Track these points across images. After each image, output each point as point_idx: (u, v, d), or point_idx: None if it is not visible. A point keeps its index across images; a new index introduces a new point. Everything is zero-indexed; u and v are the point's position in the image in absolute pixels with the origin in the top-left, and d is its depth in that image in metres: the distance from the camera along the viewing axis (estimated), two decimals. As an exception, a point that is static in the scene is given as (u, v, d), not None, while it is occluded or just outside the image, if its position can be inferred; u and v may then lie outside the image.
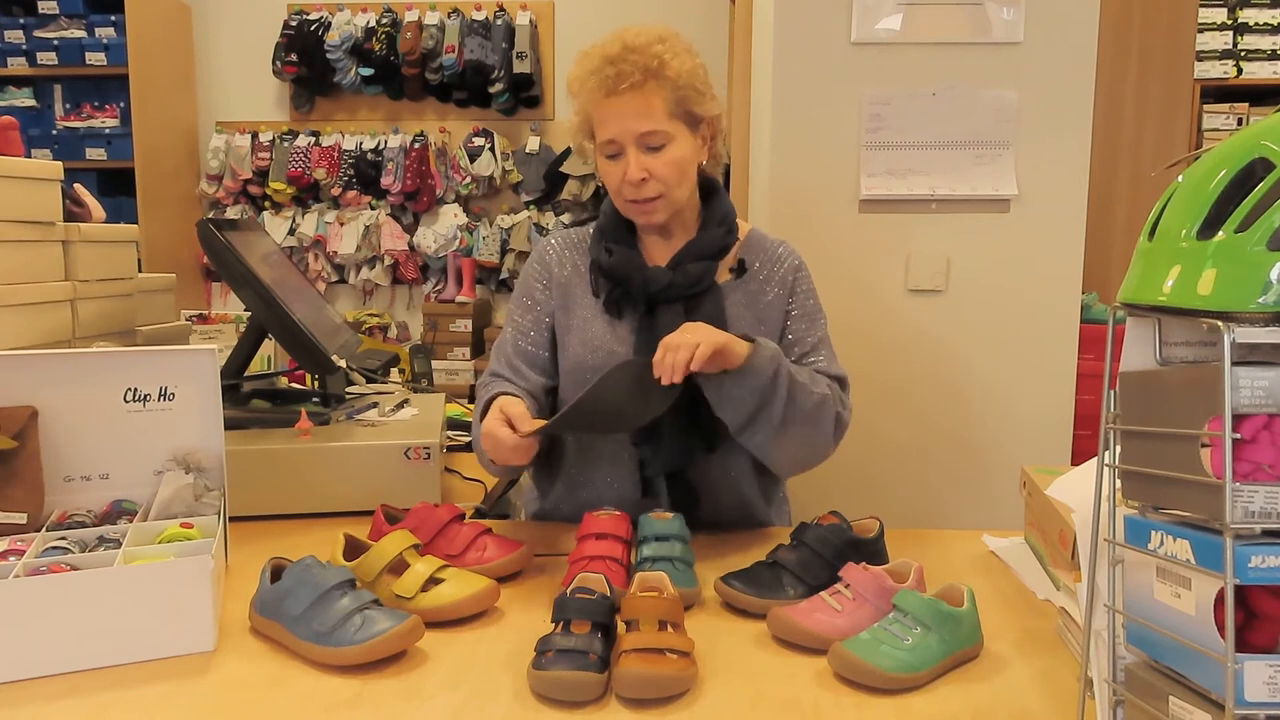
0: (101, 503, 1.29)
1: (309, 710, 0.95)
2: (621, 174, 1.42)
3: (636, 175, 1.40)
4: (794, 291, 1.53)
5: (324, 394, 1.87)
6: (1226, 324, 0.65)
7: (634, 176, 1.40)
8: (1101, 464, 0.80)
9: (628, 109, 1.39)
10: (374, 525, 1.33)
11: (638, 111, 1.39)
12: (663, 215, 1.46)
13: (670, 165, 1.42)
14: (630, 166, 1.40)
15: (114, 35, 4.13)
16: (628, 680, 0.95)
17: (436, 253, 4.42)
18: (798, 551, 1.23)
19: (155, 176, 4.27)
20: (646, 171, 1.41)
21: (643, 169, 1.41)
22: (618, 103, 1.39)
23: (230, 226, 1.75)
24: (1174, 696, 0.71)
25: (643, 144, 1.41)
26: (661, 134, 1.40)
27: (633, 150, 1.41)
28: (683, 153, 1.43)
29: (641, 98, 1.39)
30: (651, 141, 1.40)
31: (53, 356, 1.28)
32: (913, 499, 2.10)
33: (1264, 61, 3.66)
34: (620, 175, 1.42)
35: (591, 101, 1.42)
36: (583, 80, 1.42)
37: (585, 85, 1.42)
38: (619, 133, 1.40)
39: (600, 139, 1.43)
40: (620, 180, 1.43)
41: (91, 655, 1.03)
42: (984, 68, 1.98)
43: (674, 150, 1.42)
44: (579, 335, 1.50)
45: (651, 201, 1.44)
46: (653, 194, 1.43)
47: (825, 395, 1.41)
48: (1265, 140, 0.68)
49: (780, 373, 1.35)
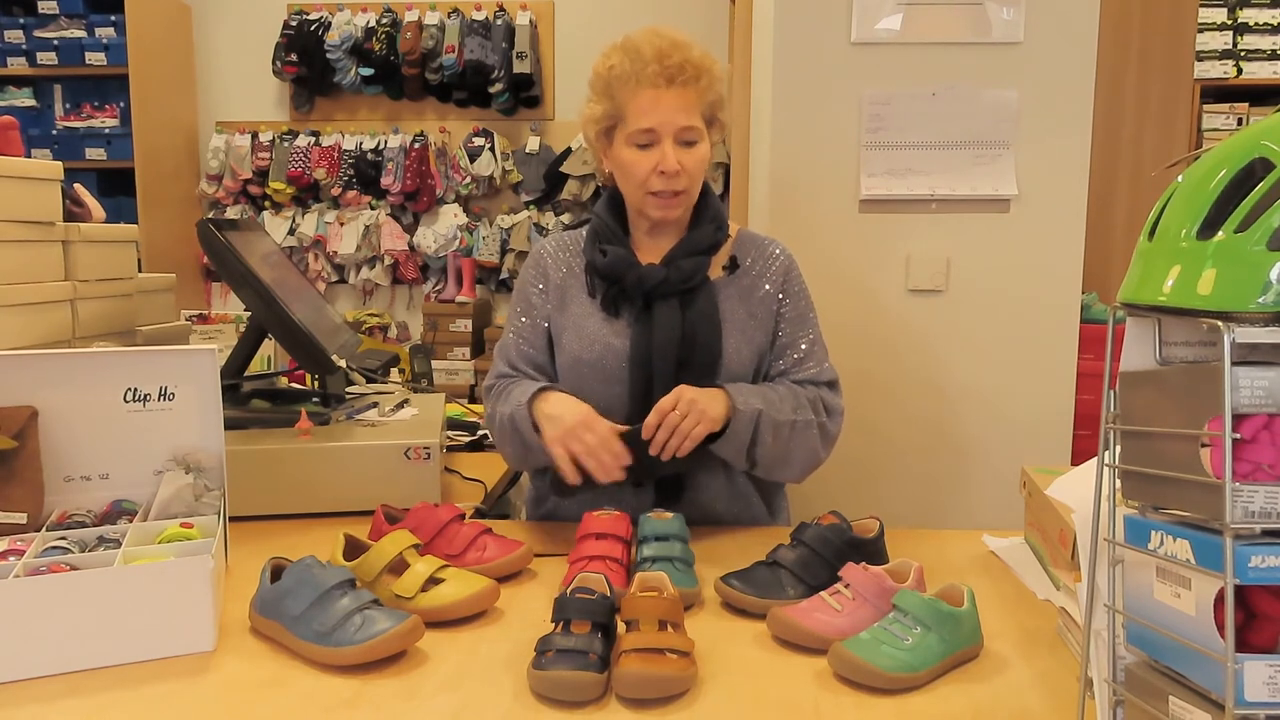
0: (101, 503, 1.29)
1: (309, 710, 0.95)
2: (652, 165, 1.44)
3: (674, 166, 1.44)
4: (786, 288, 1.54)
5: (324, 394, 1.87)
6: (1226, 324, 0.65)
7: (672, 167, 1.44)
8: (1101, 464, 0.80)
9: (676, 102, 1.43)
10: (374, 525, 1.33)
11: (684, 106, 1.43)
12: (681, 210, 1.50)
13: (699, 163, 1.47)
14: (668, 157, 1.43)
15: (114, 35, 4.13)
16: (628, 680, 0.95)
17: (436, 253, 4.42)
18: (797, 551, 1.23)
19: (155, 176, 4.27)
20: (680, 165, 1.44)
21: (678, 162, 1.44)
22: (667, 95, 1.42)
23: (230, 226, 1.75)
24: (1174, 696, 0.71)
25: (680, 138, 1.44)
26: (696, 131, 1.45)
27: (669, 142, 1.44)
28: (707, 152, 1.49)
29: (689, 94, 1.44)
30: (687, 137, 1.45)
31: (53, 356, 1.28)
32: (913, 499, 2.10)
33: (1264, 61, 3.66)
34: (651, 166, 1.45)
35: (633, 92, 1.44)
36: (625, 71, 1.44)
37: (630, 76, 1.43)
38: (660, 123, 1.43)
39: (634, 128, 1.45)
40: (649, 171, 1.45)
41: (91, 655, 1.03)
42: (984, 68, 1.98)
43: (702, 149, 1.47)
44: (575, 332, 1.51)
45: (678, 195, 1.47)
46: (681, 187, 1.46)
47: (809, 421, 1.47)
48: (1265, 140, 0.68)
49: (761, 426, 1.42)
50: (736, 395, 1.41)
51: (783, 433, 1.43)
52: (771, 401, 1.44)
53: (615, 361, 1.48)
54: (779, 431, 1.43)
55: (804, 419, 1.46)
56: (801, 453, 1.47)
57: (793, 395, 1.47)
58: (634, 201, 1.51)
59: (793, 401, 1.46)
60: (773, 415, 1.42)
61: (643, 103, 1.43)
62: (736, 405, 1.40)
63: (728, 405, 1.40)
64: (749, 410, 1.41)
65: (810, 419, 1.47)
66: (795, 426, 1.45)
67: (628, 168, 1.47)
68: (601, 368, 1.48)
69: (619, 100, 1.46)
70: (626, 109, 1.45)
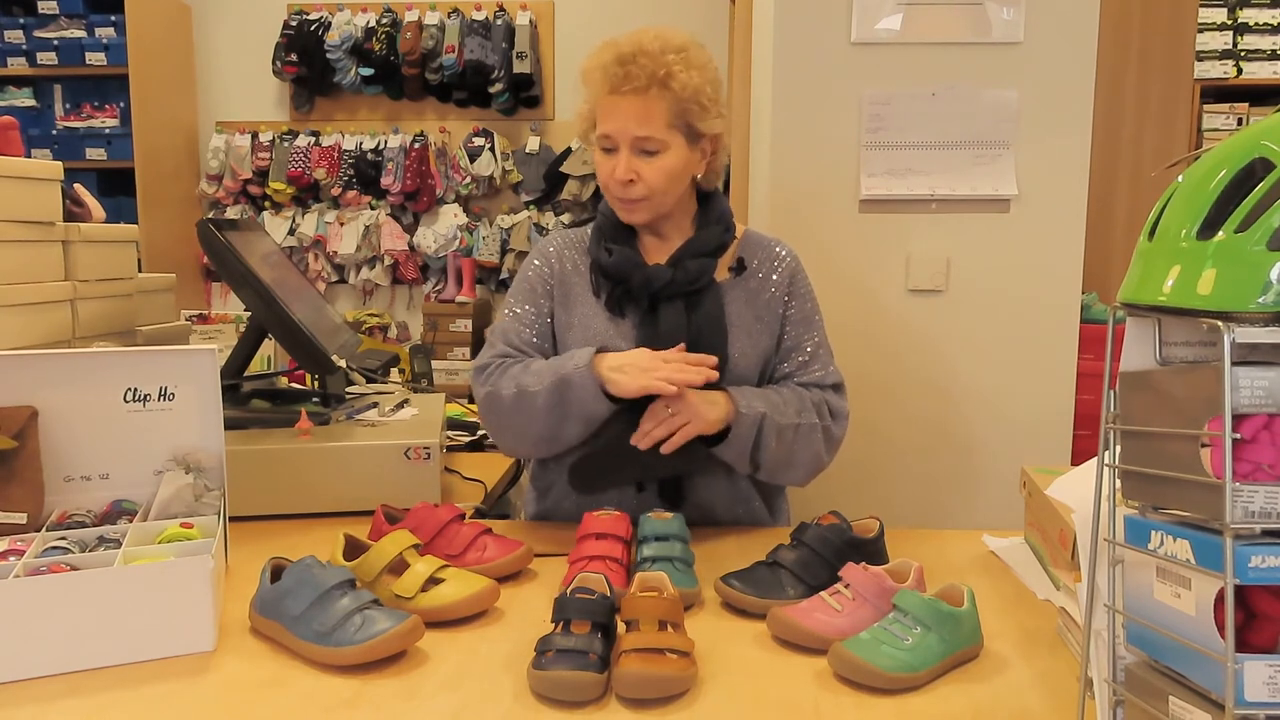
0: (101, 503, 1.29)
1: (309, 710, 0.95)
2: (611, 168, 1.45)
3: (624, 175, 1.43)
4: (792, 290, 1.54)
5: (324, 394, 1.87)
6: (1226, 324, 0.65)
7: (621, 176, 1.43)
8: (1101, 464, 0.80)
9: (629, 110, 1.40)
10: (374, 525, 1.33)
11: (637, 115, 1.40)
12: (644, 216, 1.49)
13: (659, 173, 1.43)
14: (620, 166, 1.43)
15: (114, 35, 4.13)
16: (628, 680, 0.95)
17: (436, 253, 4.42)
18: (798, 551, 1.23)
19: (155, 176, 4.27)
20: (635, 174, 1.43)
21: (631, 171, 1.43)
22: (620, 102, 1.40)
23: (230, 226, 1.75)
24: (1174, 696, 0.71)
25: (637, 147, 1.42)
26: (657, 141, 1.42)
27: (625, 151, 1.43)
28: (675, 163, 1.44)
29: (643, 103, 1.39)
30: (646, 146, 1.42)
31: (53, 356, 1.28)
32: (913, 499, 2.10)
33: (1264, 61, 3.66)
34: (609, 170, 1.45)
35: (597, 94, 1.44)
36: (592, 72, 1.44)
37: (593, 78, 1.44)
38: (616, 131, 1.42)
39: (599, 131, 1.45)
40: (608, 175, 1.46)
41: (91, 655, 1.03)
42: (984, 68, 1.98)
43: (667, 159, 1.43)
44: (580, 333, 1.51)
45: (635, 202, 1.46)
46: (637, 196, 1.45)
47: (814, 424, 1.46)
48: (1265, 140, 0.68)
49: (765, 429, 1.41)
50: (740, 398, 1.41)
51: (786, 436, 1.43)
52: (775, 405, 1.43)
53: None
54: (783, 435, 1.43)
55: (808, 422, 1.45)
56: (805, 456, 1.47)
57: (797, 398, 1.47)
58: (608, 200, 1.52)
59: (797, 404, 1.46)
60: (776, 419, 1.42)
61: (603, 107, 1.43)
62: (739, 408, 1.40)
63: (728, 410, 1.40)
64: (752, 414, 1.40)
65: (815, 422, 1.46)
66: (799, 430, 1.44)
67: (596, 167, 1.49)
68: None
69: (591, 100, 1.47)
70: (596, 110, 1.45)
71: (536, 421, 1.42)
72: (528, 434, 1.45)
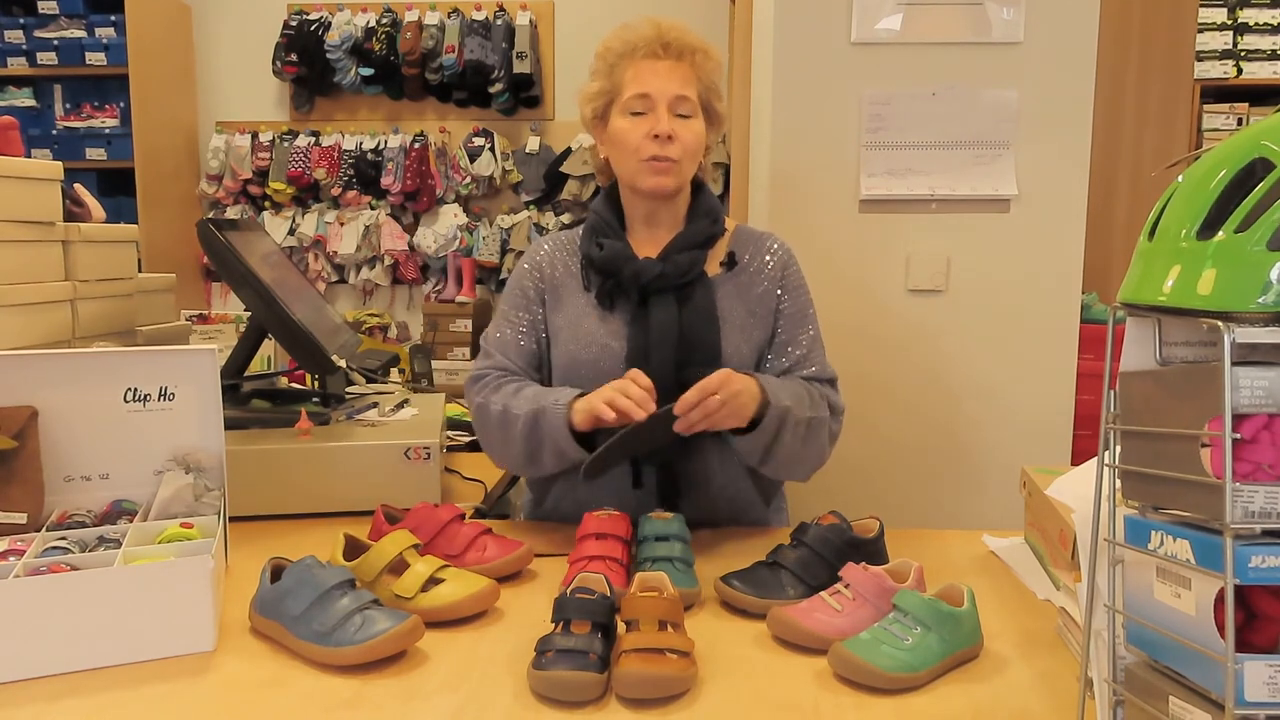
0: (101, 503, 1.29)
1: (308, 710, 0.95)
2: (647, 129, 1.46)
3: (666, 128, 1.45)
4: (785, 283, 1.54)
5: (324, 394, 1.87)
6: (1226, 324, 0.65)
7: (664, 129, 1.45)
8: (1101, 464, 0.80)
9: (672, 73, 1.47)
10: (374, 525, 1.33)
11: (680, 78, 1.47)
12: (674, 182, 1.49)
13: (695, 137, 1.49)
14: (661, 120, 1.45)
15: (114, 35, 4.13)
16: (628, 680, 0.95)
17: (436, 253, 4.42)
18: (798, 551, 1.23)
19: (155, 176, 4.27)
20: (673, 132, 1.45)
21: (671, 127, 1.45)
22: (658, 65, 1.47)
23: (230, 226, 1.75)
24: (1174, 696, 0.71)
25: (674, 108, 1.46)
26: (691, 104, 1.48)
27: (663, 108, 1.46)
28: (702, 131, 1.50)
29: (685, 68, 1.48)
30: (681, 109, 1.47)
31: (53, 356, 1.28)
32: (913, 499, 2.10)
33: (1264, 61, 3.66)
34: (644, 131, 1.46)
35: (630, 63, 1.48)
36: (625, 45, 1.48)
37: (629, 49, 1.48)
38: (656, 90, 1.46)
39: (629, 95, 1.47)
40: (643, 136, 1.46)
41: (91, 655, 1.03)
42: (984, 68, 1.98)
43: (697, 125, 1.49)
44: (571, 332, 1.51)
45: (671, 162, 1.47)
46: (674, 155, 1.46)
47: (823, 419, 1.46)
48: (1265, 140, 0.68)
49: (786, 424, 1.40)
50: (769, 390, 1.39)
51: (800, 431, 1.42)
52: (798, 398, 1.43)
53: (612, 361, 1.47)
54: (798, 430, 1.42)
55: (819, 416, 1.45)
56: (813, 451, 1.47)
57: (807, 392, 1.46)
58: (627, 176, 1.50)
59: (808, 399, 1.45)
60: (796, 413, 1.41)
61: (639, 71, 1.47)
62: (769, 400, 1.38)
63: (759, 404, 1.38)
64: (779, 408, 1.39)
65: (824, 416, 1.46)
66: (811, 425, 1.44)
67: (622, 136, 1.48)
68: (598, 367, 1.48)
69: (616, 74, 1.49)
70: (623, 80, 1.48)
71: (515, 444, 1.45)
72: (509, 454, 1.49)
